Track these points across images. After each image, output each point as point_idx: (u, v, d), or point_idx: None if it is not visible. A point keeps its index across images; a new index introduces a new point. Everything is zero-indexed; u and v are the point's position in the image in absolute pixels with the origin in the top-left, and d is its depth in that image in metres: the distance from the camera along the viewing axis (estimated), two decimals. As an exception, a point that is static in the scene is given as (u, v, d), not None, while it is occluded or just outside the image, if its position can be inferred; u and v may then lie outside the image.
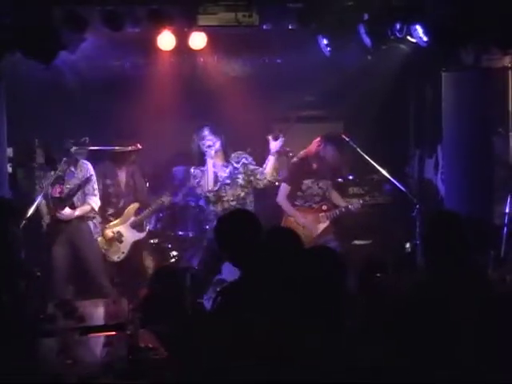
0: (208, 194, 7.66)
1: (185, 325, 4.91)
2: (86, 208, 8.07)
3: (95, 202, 8.11)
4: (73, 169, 8.01)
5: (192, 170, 7.79)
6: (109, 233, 8.52)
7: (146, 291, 6.01)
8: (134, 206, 8.66)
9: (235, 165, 7.79)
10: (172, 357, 4.45)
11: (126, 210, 8.64)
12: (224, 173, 7.74)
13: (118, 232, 8.56)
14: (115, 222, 8.60)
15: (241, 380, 3.68)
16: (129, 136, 8.64)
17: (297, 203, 8.29)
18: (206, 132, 7.66)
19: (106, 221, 8.58)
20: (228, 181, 7.73)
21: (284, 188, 8.34)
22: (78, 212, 8.01)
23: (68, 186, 7.96)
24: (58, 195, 7.96)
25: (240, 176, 7.76)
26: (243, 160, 7.81)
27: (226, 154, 7.79)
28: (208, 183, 7.61)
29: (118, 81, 9.30)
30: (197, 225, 8.28)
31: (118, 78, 9.31)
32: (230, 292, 4.62)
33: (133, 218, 8.62)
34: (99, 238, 8.42)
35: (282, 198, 8.33)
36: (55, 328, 5.40)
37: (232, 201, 7.68)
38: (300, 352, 3.63)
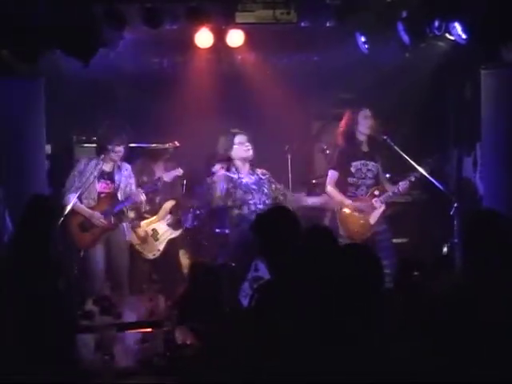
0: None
1: (222, 322, 4.92)
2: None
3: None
4: (119, 165, 8.09)
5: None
6: (141, 232, 8.52)
7: (183, 288, 6.03)
8: (171, 203, 8.64)
9: (261, 176, 7.86)
10: (209, 354, 4.46)
11: (162, 207, 8.64)
12: (250, 179, 7.81)
13: (154, 229, 8.56)
14: (151, 219, 8.61)
15: (276, 379, 3.68)
16: (166, 133, 8.66)
17: (349, 194, 8.18)
18: (244, 139, 7.76)
19: (141, 218, 8.59)
20: (254, 187, 7.78)
21: (332, 175, 8.18)
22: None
23: (117, 183, 8.06)
24: (106, 190, 8.03)
25: (266, 186, 7.84)
26: (268, 176, 7.90)
27: (253, 162, 7.89)
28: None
29: (156, 78, 9.34)
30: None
31: (155, 76, 9.34)
32: (267, 290, 4.62)
33: (169, 216, 8.62)
34: (132, 235, 8.46)
35: (329, 185, 8.17)
36: (93, 324, 5.44)
37: (259, 204, 7.72)
38: (336, 351, 3.62)
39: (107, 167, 8.04)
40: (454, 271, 7.07)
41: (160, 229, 8.57)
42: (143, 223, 8.55)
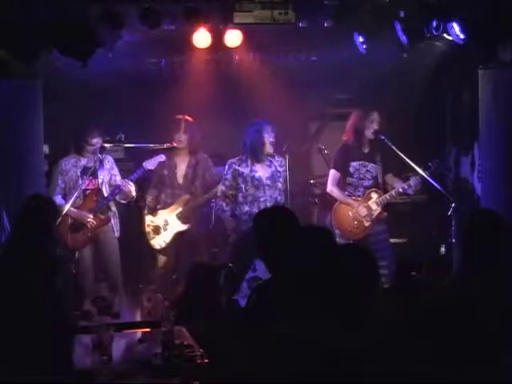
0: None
1: (219, 322, 4.92)
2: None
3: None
4: (101, 159, 8.12)
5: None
6: (150, 220, 8.46)
7: (182, 288, 6.03)
8: (185, 197, 8.52)
9: (278, 168, 7.89)
10: (207, 354, 4.46)
11: (176, 201, 8.55)
12: (266, 173, 7.85)
13: (165, 220, 8.49)
14: (164, 210, 8.52)
15: (275, 379, 3.68)
16: (165, 133, 8.61)
17: (346, 193, 8.15)
18: (269, 129, 7.83)
19: (154, 209, 8.53)
20: (269, 182, 7.82)
21: (333, 175, 8.18)
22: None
23: (101, 178, 8.10)
24: (91, 187, 8.04)
25: (281, 180, 7.89)
26: (284, 168, 7.98)
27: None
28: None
29: (154, 78, 9.33)
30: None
31: (153, 76, 9.34)
32: (265, 290, 4.61)
33: (180, 209, 8.51)
34: (143, 222, 8.44)
35: (331, 184, 8.17)
36: (91, 324, 5.44)
37: (269, 202, 7.76)
38: (332, 352, 3.62)
39: (88, 163, 8.06)
40: (452, 271, 7.08)
41: (170, 220, 8.49)
42: (156, 212, 8.49)
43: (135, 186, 8.21)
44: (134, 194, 8.21)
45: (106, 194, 8.13)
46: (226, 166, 8.02)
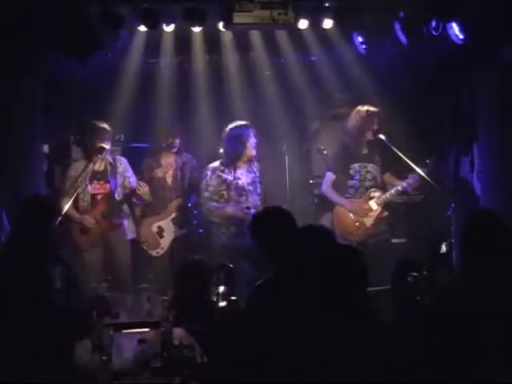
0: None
1: (219, 322, 4.93)
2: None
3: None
4: (112, 162, 8.05)
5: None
6: (144, 229, 8.44)
7: (181, 289, 6.03)
8: (178, 201, 8.51)
9: (257, 173, 7.92)
10: (207, 354, 4.46)
11: (168, 205, 8.55)
12: (248, 179, 7.86)
13: (159, 226, 8.46)
14: (157, 216, 8.51)
15: (273, 379, 3.68)
16: (164, 133, 8.60)
17: (348, 195, 8.16)
18: (253, 133, 7.83)
19: (147, 214, 8.52)
20: (250, 187, 7.82)
21: (328, 176, 8.17)
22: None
23: (113, 182, 8.02)
24: (101, 191, 8.01)
25: (259, 185, 7.88)
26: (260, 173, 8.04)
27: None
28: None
29: (154, 79, 9.32)
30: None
31: (153, 76, 9.32)
32: (265, 290, 4.62)
33: (174, 214, 8.51)
34: (137, 231, 8.42)
35: (326, 187, 8.17)
36: (90, 324, 5.43)
37: (252, 208, 7.77)
38: (334, 350, 3.62)
39: (99, 167, 8.01)
40: (452, 271, 7.08)
41: (165, 226, 8.47)
42: (149, 220, 8.48)
43: None
44: (149, 195, 8.20)
45: (118, 198, 8.09)
46: (209, 172, 7.99)
